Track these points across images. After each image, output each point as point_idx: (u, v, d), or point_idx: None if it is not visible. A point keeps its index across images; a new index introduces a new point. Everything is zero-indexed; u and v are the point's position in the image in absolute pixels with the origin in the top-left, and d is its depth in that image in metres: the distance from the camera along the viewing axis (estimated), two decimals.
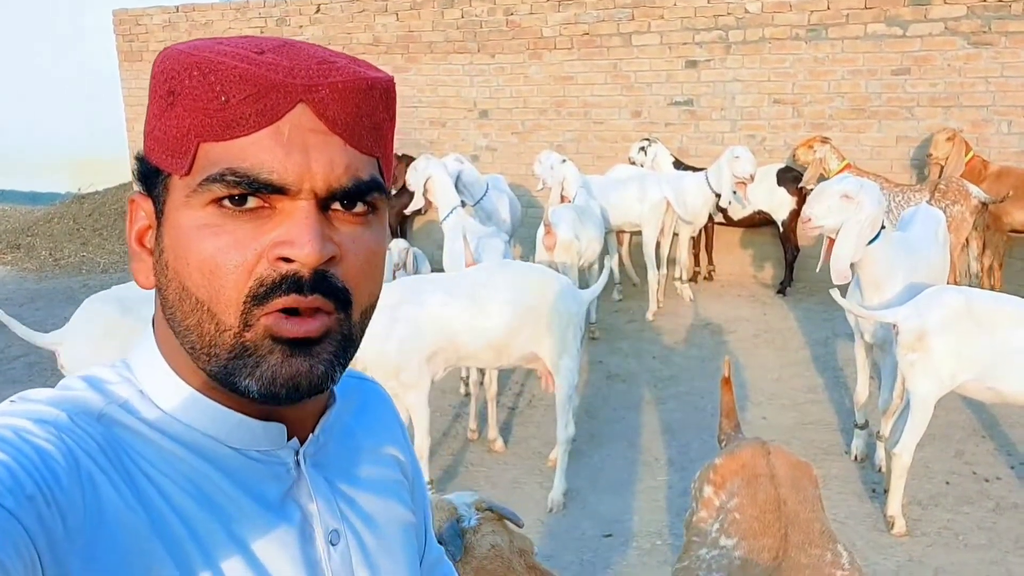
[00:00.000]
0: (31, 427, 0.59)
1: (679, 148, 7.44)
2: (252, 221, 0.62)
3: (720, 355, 5.66)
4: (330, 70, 0.64)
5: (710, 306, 6.79)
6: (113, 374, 0.69)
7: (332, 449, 0.77)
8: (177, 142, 0.63)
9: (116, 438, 0.64)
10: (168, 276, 0.65)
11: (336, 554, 0.72)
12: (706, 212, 6.64)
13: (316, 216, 0.63)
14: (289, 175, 0.61)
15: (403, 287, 3.63)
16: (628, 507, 3.82)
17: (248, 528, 0.67)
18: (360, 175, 0.65)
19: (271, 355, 0.63)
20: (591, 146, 7.86)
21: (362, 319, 0.68)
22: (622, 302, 6.97)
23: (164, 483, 0.64)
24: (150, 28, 9.81)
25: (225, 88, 0.61)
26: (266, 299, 0.62)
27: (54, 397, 0.64)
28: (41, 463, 0.56)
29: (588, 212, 5.62)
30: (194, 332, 0.64)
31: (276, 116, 0.61)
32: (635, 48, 7.48)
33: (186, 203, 0.63)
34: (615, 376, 5.37)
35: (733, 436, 2.17)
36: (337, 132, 0.63)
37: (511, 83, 8.04)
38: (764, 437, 4.30)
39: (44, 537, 0.54)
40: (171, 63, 0.64)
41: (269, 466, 0.70)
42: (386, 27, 8.46)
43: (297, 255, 0.61)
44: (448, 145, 8.31)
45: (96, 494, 0.59)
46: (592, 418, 4.74)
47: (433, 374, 3.62)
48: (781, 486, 1.80)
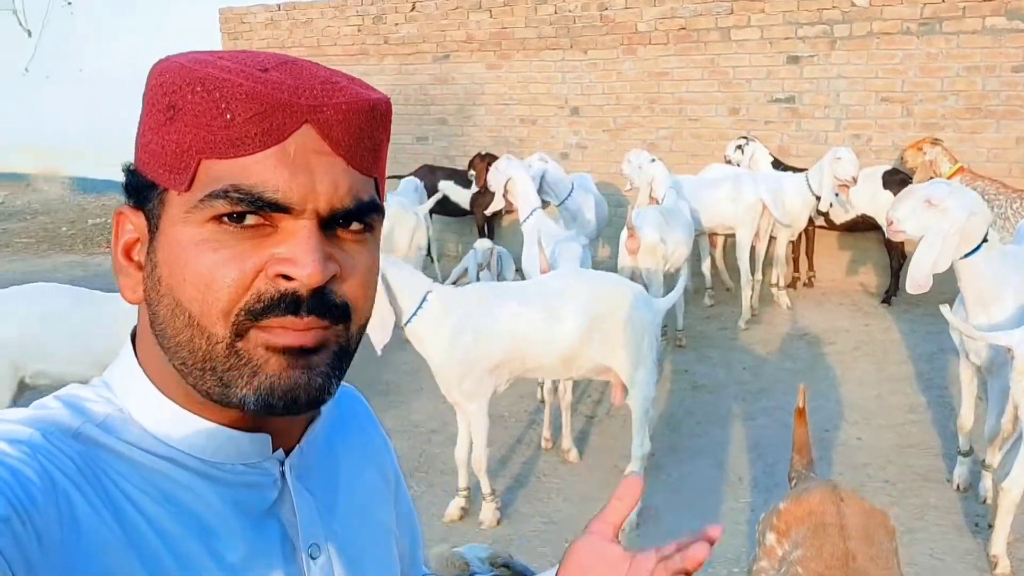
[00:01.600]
0: (4, 447, 0.58)
1: (779, 147, 7.10)
2: (252, 239, 0.62)
3: (817, 367, 5.36)
4: (333, 90, 0.64)
5: (808, 315, 6.45)
6: (91, 392, 0.68)
7: (316, 461, 0.76)
8: (177, 158, 0.62)
9: (92, 456, 0.63)
10: (160, 291, 0.64)
11: (316, 567, 0.72)
12: (805, 215, 6.30)
13: (318, 235, 0.63)
14: (294, 195, 0.61)
15: (474, 294, 3.51)
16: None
17: (228, 543, 0.66)
18: (361, 196, 0.65)
19: (267, 364, 0.63)
20: (685, 144, 7.59)
21: (359, 332, 0.69)
22: (713, 308, 6.70)
23: (142, 500, 0.63)
24: (253, 26, 10.03)
25: (230, 106, 0.60)
26: (263, 315, 0.62)
27: (28, 416, 0.63)
28: (15, 483, 0.55)
29: (675, 214, 5.39)
30: (185, 348, 0.63)
31: (282, 136, 0.61)
32: (734, 43, 7.17)
33: (185, 219, 0.62)
34: (701, 387, 5.14)
35: (804, 475, 1.97)
36: (340, 154, 0.64)
37: (603, 79, 7.84)
38: (858, 459, 4.08)
39: (21, 558, 0.53)
40: (171, 76, 0.63)
41: (253, 478, 0.69)
42: (479, 24, 8.39)
43: (299, 275, 0.61)
44: (538, 143, 8.19)
45: (72, 513, 0.58)
46: (673, 431, 4.54)
47: (496, 385, 3.50)
48: (851, 538, 1.60)
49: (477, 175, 7.29)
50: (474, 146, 8.43)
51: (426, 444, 4.43)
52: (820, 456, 4.16)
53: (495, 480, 4.05)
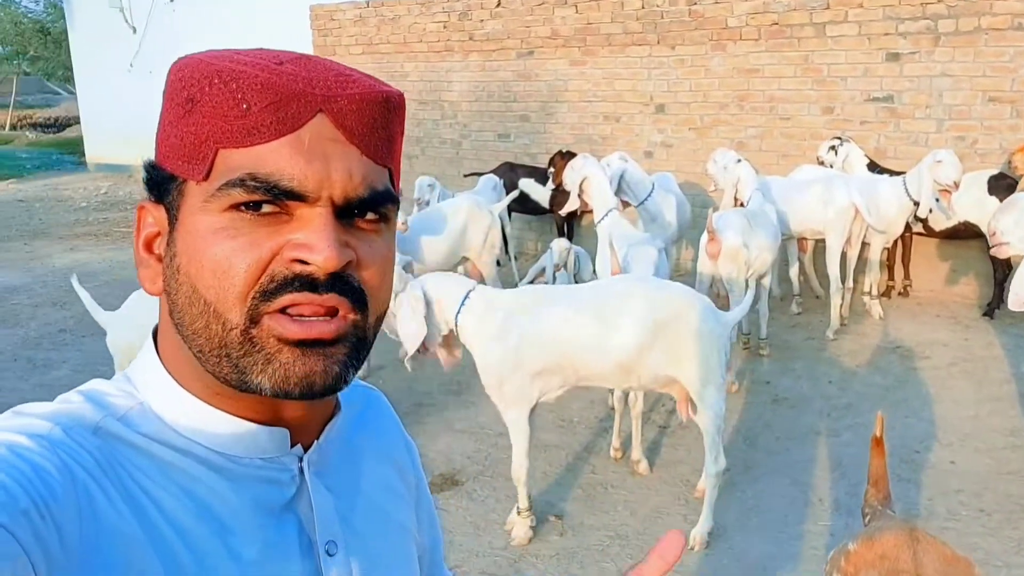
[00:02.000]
0: (24, 441, 0.59)
1: (875, 148, 6.75)
2: (269, 226, 0.63)
3: (909, 383, 5.06)
4: (347, 82, 0.65)
5: (902, 326, 6.10)
6: (113, 387, 0.69)
7: (335, 458, 0.77)
8: (195, 148, 0.64)
9: (112, 451, 0.63)
10: (179, 280, 0.65)
11: (334, 564, 0.72)
12: (902, 221, 5.96)
13: (334, 223, 0.64)
14: (309, 182, 0.62)
15: (527, 295, 3.40)
16: (781, 552, 3.41)
17: (245, 539, 0.67)
18: (375, 185, 0.66)
19: (280, 354, 0.63)
20: (776, 144, 7.29)
21: (376, 323, 0.69)
22: (800, 316, 6.41)
23: (161, 496, 0.64)
24: (342, 23, 10.14)
25: (247, 96, 0.62)
26: (276, 294, 0.62)
27: (50, 411, 0.64)
28: (36, 477, 0.56)
29: (760, 217, 5.15)
30: (202, 335, 0.64)
31: (297, 124, 0.63)
32: (829, 39, 6.84)
33: (203, 208, 0.63)
34: (782, 400, 4.90)
35: (880, 511, 1.79)
36: (354, 142, 0.65)
37: (691, 76, 7.60)
38: (950, 485, 3.80)
39: (40, 552, 0.53)
40: (190, 71, 0.64)
41: (272, 473, 0.70)
42: (565, 20, 8.25)
43: (315, 259, 0.62)
44: (621, 141, 8.00)
45: (91, 507, 0.59)
46: (751, 446, 4.33)
47: (543, 393, 3.37)
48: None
49: (556, 173, 7.17)
50: (556, 144, 8.30)
51: (492, 448, 4.34)
52: (909, 479, 3.90)
53: (558, 489, 3.94)
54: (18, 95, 26.24)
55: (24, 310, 6.96)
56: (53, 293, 7.47)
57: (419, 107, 9.63)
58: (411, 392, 5.07)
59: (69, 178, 14.94)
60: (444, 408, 4.84)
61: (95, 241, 9.91)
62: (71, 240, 9.90)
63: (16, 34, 23.70)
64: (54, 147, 19.34)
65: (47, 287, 7.69)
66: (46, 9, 24.39)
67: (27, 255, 9.08)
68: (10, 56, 25.02)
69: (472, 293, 3.37)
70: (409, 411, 4.84)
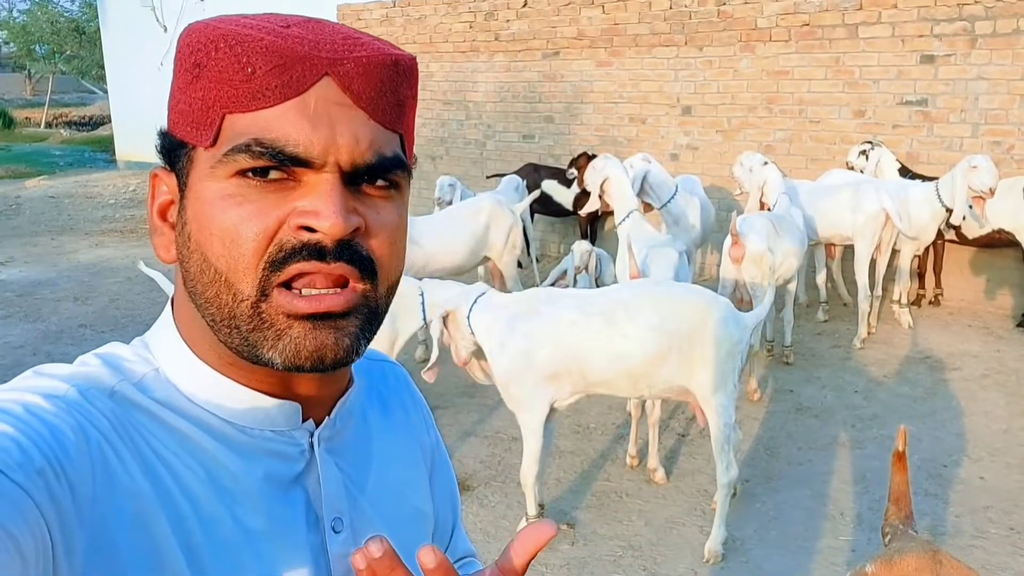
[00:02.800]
0: (41, 402, 0.59)
1: (908, 153, 6.58)
2: (276, 192, 0.62)
3: (938, 395, 4.90)
4: (355, 45, 0.64)
5: (932, 336, 5.93)
6: (130, 352, 0.69)
7: (348, 434, 0.76)
8: (202, 114, 0.63)
9: (127, 415, 0.64)
10: (190, 248, 0.65)
11: (338, 541, 0.71)
12: (934, 228, 5.78)
13: (341, 189, 0.62)
14: (315, 148, 0.61)
15: (536, 297, 3.32)
16: (799, 567, 3.30)
17: (252, 510, 0.66)
18: (384, 151, 0.65)
19: (291, 329, 0.63)
20: (805, 147, 7.14)
21: (388, 294, 0.68)
22: (827, 324, 6.25)
23: (173, 461, 0.64)
24: (369, 22, 10.12)
25: (251, 60, 0.61)
26: (284, 263, 0.62)
27: (68, 373, 0.64)
28: (51, 437, 0.57)
29: (786, 222, 5.02)
30: (213, 304, 0.64)
31: (302, 88, 0.61)
32: (862, 41, 6.68)
33: (211, 174, 0.63)
34: (806, 409, 4.76)
35: (901, 531, 1.66)
36: (362, 106, 0.63)
37: (719, 77, 7.47)
38: (979, 501, 3.65)
39: (54, 511, 0.54)
40: (197, 36, 0.63)
41: (281, 447, 0.69)
42: (591, 20, 8.16)
43: (321, 226, 0.61)
44: (647, 143, 7.89)
45: (105, 469, 0.59)
46: (772, 456, 4.20)
47: (554, 398, 3.28)
48: None
49: (580, 175, 7.08)
50: (580, 145, 8.21)
51: (505, 452, 4.26)
52: (936, 495, 3.76)
53: (571, 496, 3.84)
54: (54, 93, 26.66)
55: (47, 304, 6.99)
56: (76, 288, 7.51)
57: (444, 107, 9.58)
58: (426, 395, 4.98)
59: (99, 175, 15.08)
60: (458, 411, 4.76)
61: (120, 238, 9.96)
62: (97, 236, 9.96)
63: (52, 33, 24.08)
64: (87, 145, 19.58)
65: (70, 282, 7.73)
66: (81, 8, 24.76)
67: (54, 250, 9.15)
68: (47, 55, 25.42)
69: (483, 297, 3.33)
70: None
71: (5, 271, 8.16)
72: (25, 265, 8.42)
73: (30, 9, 25.47)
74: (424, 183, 9.80)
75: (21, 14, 26.47)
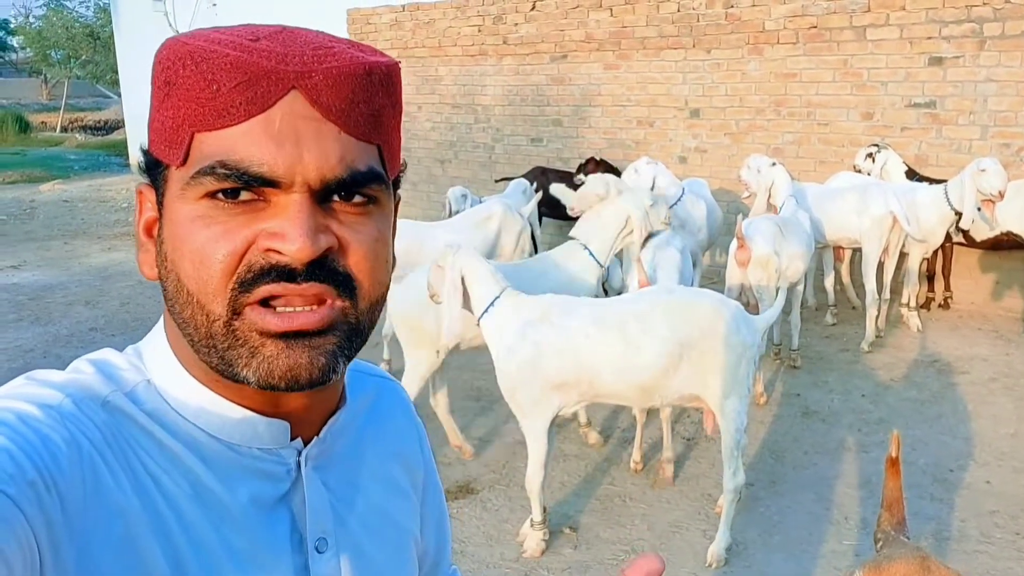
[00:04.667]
0: (35, 412, 0.59)
1: (916, 155, 6.55)
2: (245, 214, 0.61)
3: (946, 399, 4.87)
4: (325, 55, 0.62)
5: (941, 340, 5.89)
6: (123, 360, 0.68)
7: (337, 453, 0.75)
8: (173, 132, 0.62)
9: (119, 426, 0.63)
10: (167, 268, 0.64)
11: (322, 561, 0.70)
12: (942, 231, 5.75)
13: (309, 210, 0.61)
14: (279, 168, 0.60)
15: (550, 304, 3.29)
16: (801, 571, 3.29)
17: (237, 529, 0.66)
18: (356, 165, 0.63)
19: (264, 348, 0.62)
20: (813, 150, 7.12)
21: (371, 310, 0.67)
22: (835, 327, 6.22)
23: (161, 476, 0.63)
24: (379, 27, 10.16)
25: (216, 76, 0.60)
26: (254, 284, 0.61)
27: (61, 381, 0.64)
28: (43, 448, 0.56)
29: (792, 225, 5.01)
30: (190, 324, 0.63)
31: (267, 104, 0.60)
32: (870, 43, 6.65)
33: (181, 195, 0.62)
34: (812, 413, 4.75)
35: (892, 537, 1.66)
36: (332, 119, 0.62)
37: (727, 80, 7.46)
38: (985, 506, 3.63)
39: (44, 524, 0.54)
40: (168, 53, 0.62)
41: (268, 466, 0.68)
42: (599, 23, 8.16)
43: (287, 249, 0.60)
44: (655, 146, 7.89)
45: (96, 481, 0.59)
46: (777, 460, 4.19)
47: (560, 407, 3.28)
48: None
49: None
50: (589, 148, 8.21)
51: (510, 456, 4.26)
52: (941, 499, 3.74)
53: (574, 500, 3.84)
54: (69, 98, 26.87)
55: (57, 308, 7.05)
56: (86, 292, 7.56)
57: (452, 111, 9.61)
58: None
59: (113, 179, 15.20)
60: (463, 414, 4.76)
61: (132, 241, 9.97)
62: (109, 240, 10.04)
63: (67, 38, 24.30)
64: (101, 149, 19.72)
65: (81, 286, 7.79)
66: (96, 14, 24.94)
67: (66, 254, 9.22)
68: (62, 60, 25.64)
69: (502, 297, 3.28)
70: (430, 416, 4.77)
71: (17, 275, 8.23)
72: (37, 269, 8.50)
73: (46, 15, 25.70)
74: (433, 187, 9.84)
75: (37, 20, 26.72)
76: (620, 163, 7.92)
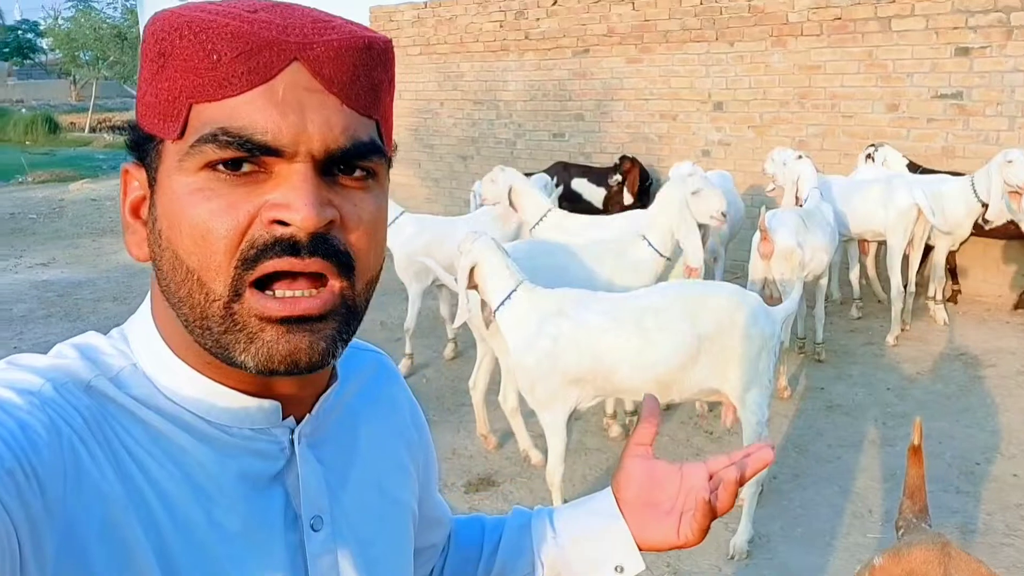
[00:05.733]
0: (13, 397, 0.58)
1: (943, 147, 6.47)
2: (247, 185, 0.60)
3: (973, 392, 4.82)
4: (325, 28, 0.62)
5: (967, 333, 5.83)
6: (108, 344, 0.67)
7: (331, 430, 0.74)
8: (169, 104, 0.61)
9: (102, 411, 0.62)
10: (162, 246, 0.63)
11: (317, 540, 0.70)
12: (969, 223, 5.67)
13: (314, 179, 0.61)
14: (284, 136, 0.59)
15: (566, 299, 3.28)
16: (825, 565, 3.27)
17: (228, 511, 0.65)
18: (359, 136, 0.63)
19: (263, 333, 0.61)
20: (838, 142, 7.05)
21: (366, 289, 0.66)
22: (860, 320, 6.17)
23: (146, 460, 0.63)
24: (401, 23, 10.20)
25: (216, 46, 0.59)
26: (257, 261, 0.60)
27: (42, 366, 0.62)
28: (22, 435, 0.55)
29: (816, 217, 4.97)
30: (186, 304, 0.62)
31: (270, 74, 0.59)
32: (895, 34, 6.58)
33: (179, 167, 0.61)
34: (836, 407, 4.71)
35: (914, 524, 1.66)
36: (334, 91, 0.62)
37: (750, 72, 7.41)
38: (1011, 499, 3.60)
39: (23, 512, 0.52)
40: (161, 24, 0.61)
41: (260, 445, 0.68)
42: (621, 17, 8.14)
43: (293, 219, 0.59)
44: (678, 139, 7.86)
45: (77, 468, 0.58)
46: (800, 453, 4.17)
47: (578, 400, 3.28)
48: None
49: (625, 178, 7.11)
50: (611, 143, 8.20)
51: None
52: (968, 492, 3.71)
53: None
54: (98, 99, 27.22)
55: (86, 304, 7.15)
56: (114, 289, 7.67)
57: (475, 107, 9.63)
58: (454, 391, 5.03)
59: None
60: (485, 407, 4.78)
61: None
62: None
63: (95, 39, 24.59)
64: None
65: (109, 282, 7.90)
66: (123, 14, 25.23)
67: (94, 252, 9.35)
68: (91, 61, 25.96)
69: (518, 291, 3.27)
70: (451, 409, 4.80)
71: (47, 272, 8.36)
72: (66, 266, 8.62)
73: (74, 16, 26.04)
74: (455, 183, 9.86)
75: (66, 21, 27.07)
76: (643, 157, 7.90)
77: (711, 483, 0.82)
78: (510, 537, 0.95)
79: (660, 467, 0.84)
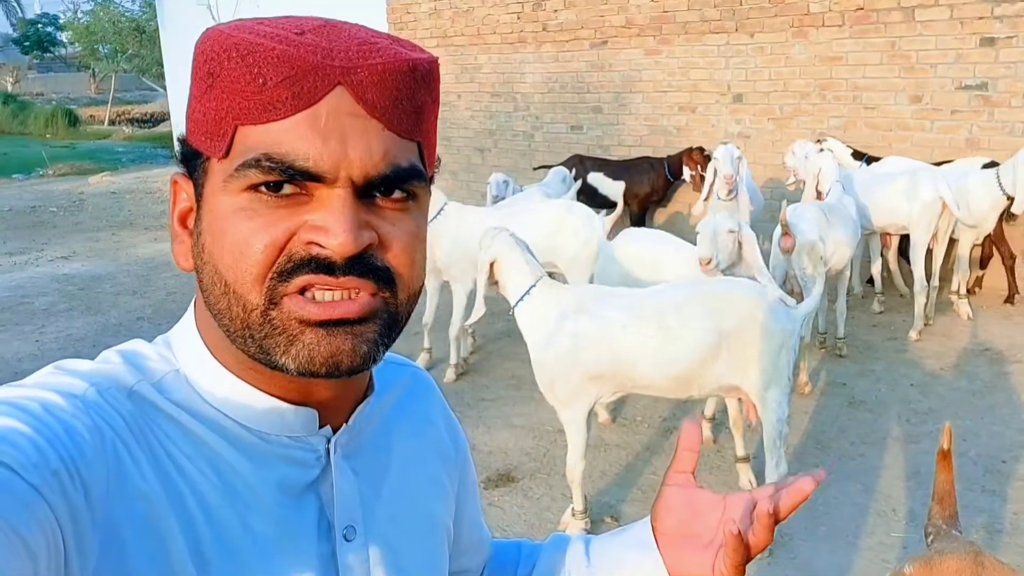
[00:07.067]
0: (59, 400, 0.59)
1: (967, 139, 6.38)
2: (287, 207, 0.62)
3: (998, 388, 4.75)
4: (370, 51, 0.62)
5: (992, 328, 5.75)
6: (152, 351, 0.69)
7: (366, 441, 0.75)
8: (215, 124, 0.62)
9: (144, 416, 0.64)
10: (204, 259, 0.65)
11: (350, 549, 0.70)
12: (994, 216, 5.60)
13: (352, 204, 0.62)
14: (325, 163, 0.60)
15: (585, 295, 3.25)
16: (848, 564, 3.23)
17: (264, 517, 0.66)
18: (399, 162, 0.64)
19: (303, 335, 0.62)
20: (860, 134, 6.96)
21: (409, 301, 0.67)
22: (882, 315, 6.10)
23: (186, 465, 0.64)
24: (418, 16, 10.17)
25: (263, 70, 0.60)
26: (293, 275, 0.61)
27: (88, 371, 0.64)
28: (67, 437, 0.57)
29: (838, 211, 4.91)
30: (226, 315, 0.64)
31: (314, 99, 0.60)
32: (918, 24, 6.48)
33: (223, 187, 0.63)
34: (859, 403, 4.66)
35: (944, 531, 1.62)
36: (376, 116, 0.62)
37: (770, 64, 7.33)
38: None
39: (67, 512, 0.54)
40: (211, 44, 0.63)
41: (297, 453, 0.69)
42: (640, 8, 8.07)
43: (330, 244, 0.61)
44: (697, 132, 7.79)
45: (119, 469, 0.59)
46: (823, 450, 4.13)
47: (598, 396, 3.25)
48: None
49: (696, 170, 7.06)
50: (629, 135, 8.14)
51: (551, 445, 4.25)
52: (994, 491, 3.65)
53: (616, 490, 3.83)
54: (117, 92, 27.37)
55: (106, 298, 7.19)
56: (134, 282, 7.71)
57: (492, 99, 9.59)
58: (473, 386, 5.02)
59: (159, 171, 15.45)
60: (504, 403, 4.77)
61: None
62: (156, 231, 10.21)
63: (114, 33, 24.68)
64: (148, 141, 20.09)
65: (129, 276, 7.94)
66: (142, 8, 25.32)
67: (114, 245, 9.40)
68: (110, 55, 26.08)
69: (537, 287, 3.24)
70: (471, 404, 4.79)
71: (67, 265, 8.42)
72: (87, 259, 8.67)
73: (93, 10, 26.16)
74: (473, 176, 9.84)
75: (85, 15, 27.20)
76: (661, 150, 7.84)
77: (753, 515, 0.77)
78: (544, 564, 0.95)
79: (702, 497, 0.81)
